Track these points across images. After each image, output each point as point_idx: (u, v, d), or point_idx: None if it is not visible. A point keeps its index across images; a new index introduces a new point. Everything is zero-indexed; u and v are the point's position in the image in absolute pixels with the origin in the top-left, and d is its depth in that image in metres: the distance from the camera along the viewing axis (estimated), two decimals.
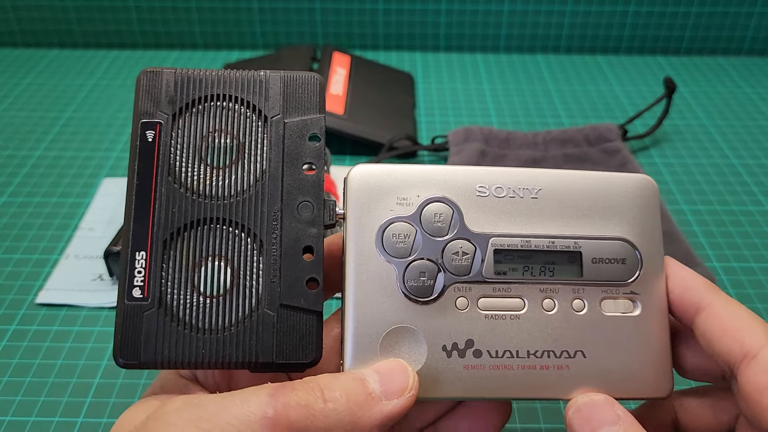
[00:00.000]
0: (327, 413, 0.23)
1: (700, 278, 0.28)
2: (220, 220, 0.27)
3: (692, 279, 0.28)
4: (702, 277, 0.28)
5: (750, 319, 0.26)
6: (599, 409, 0.26)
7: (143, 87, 0.28)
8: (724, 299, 0.27)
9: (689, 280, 0.28)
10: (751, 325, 0.25)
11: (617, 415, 0.25)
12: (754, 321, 0.26)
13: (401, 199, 0.28)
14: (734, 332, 0.25)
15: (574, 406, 0.26)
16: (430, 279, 0.27)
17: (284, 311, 0.26)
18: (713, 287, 0.27)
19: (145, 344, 0.26)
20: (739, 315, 0.26)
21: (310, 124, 0.28)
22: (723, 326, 0.26)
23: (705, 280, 0.28)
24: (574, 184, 0.29)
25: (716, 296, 0.27)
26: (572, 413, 0.26)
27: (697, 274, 0.28)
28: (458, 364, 0.27)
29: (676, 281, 0.28)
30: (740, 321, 0.26)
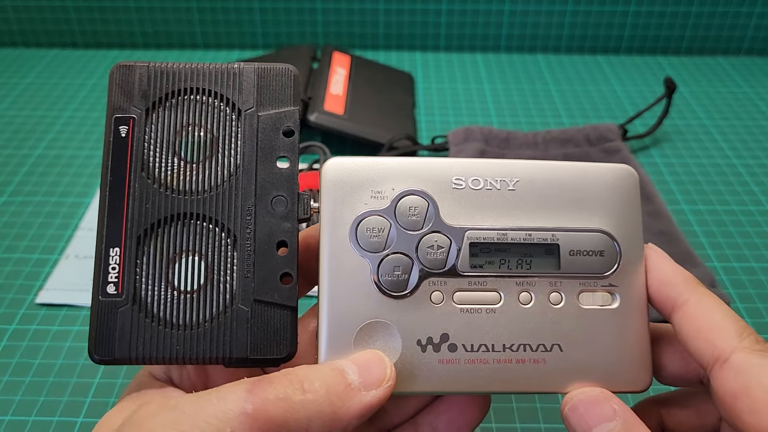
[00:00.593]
0: (306, 405, 0.23)
1: (680, 272, 0.27)
2: (194, 215, 0.27)
3: (671, 273, 0.27)
4: (682, 271, 0.27)
5: (723, 319, 0.25)
6: (595, 406, 0.25)
7: (116, 82, 0.28)
8: (699, 296, 0.26)
9: (668, 274, 0.27)
10: (724, 325, 0.24)
11: (614, 410, 0.25)
12: (727, 321, 0.25)
13: (376, 193, 0.28)
14: (707, 333, 0.25)
15: (569, 402, 0.26)
16: (405, 273, 0.27)
17: (258, 306, 0.26)
18: (692, 282, 0.26)
19: (119, 340, 0.26)
20: (712, 314, 0.25)
21: (284, 117, 0.28)
22: (696, 326, 0.25)
23: (685, 273, 0.27)
24: (552, 175, 0.28)
25: (692, 293, 0.26)
26: (568, 410, 0.26)
27: (677, 267, 0.27)
28: (433, 358, 0.27)
29: (654, 274, 0.27)
30: (713, 321, 0.25)
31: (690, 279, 0.27)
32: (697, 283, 0.26)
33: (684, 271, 0.27)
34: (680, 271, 0.27)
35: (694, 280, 0.27)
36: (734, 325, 0.24)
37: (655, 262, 0.28)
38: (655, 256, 0.28)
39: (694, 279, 0.27)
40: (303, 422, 0.23)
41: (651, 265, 0.28)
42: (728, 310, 0.25)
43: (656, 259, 0.28)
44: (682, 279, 0.26)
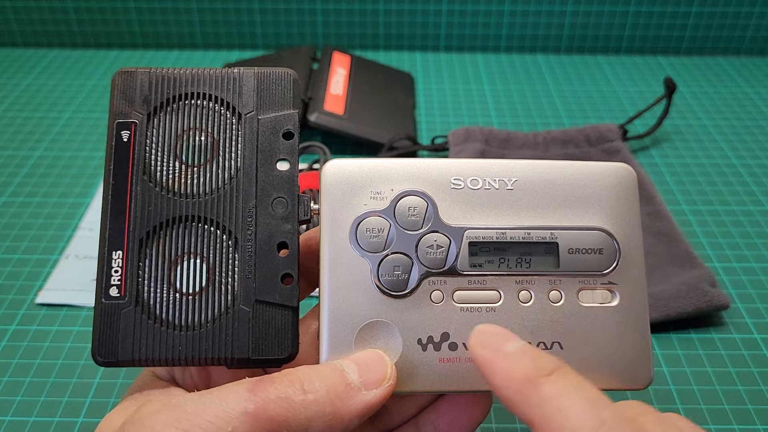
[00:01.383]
0: (307, 405, 0.23)
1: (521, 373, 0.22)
2: (195, 217, 0.27)
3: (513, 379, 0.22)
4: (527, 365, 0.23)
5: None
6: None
7: (118, 87, 0.28)
8: (542, 415, 0.21)
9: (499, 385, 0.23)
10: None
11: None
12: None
13: (375, 193, 0.28)
14: None
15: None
16: (405, 273, 0.27)
17: (259, 307, 0.27)
18: (533, 387, 0.22)
19: (122, 342, 0.26)
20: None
21: (283, 120, 0.28)
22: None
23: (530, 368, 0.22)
24: (550, 174, 0.29)
25: (534, 409, 0.22)
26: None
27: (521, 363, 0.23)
28: (434, 357, 0.27)
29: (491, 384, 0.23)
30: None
31: (524, 385, 0.22)
32: (535, 383, 0.22)
33: (518, 372, 0.22)
34: (512, 376, 0.22)
35: (530, 383, 0.22)
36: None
37: (486, 373, 0.23)
38: (484, 364, 0.23)
39: (530, 380, 0.22)
40: (304, 422, 0.23)
41: (485, 377, 0.23)
42: (579, 420, 0.21)
43: (485, 368, 0.23)
44: (515, 391, 0.22)
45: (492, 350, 0.23)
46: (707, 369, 0.43)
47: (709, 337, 0.45)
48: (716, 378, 0.42)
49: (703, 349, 0.44)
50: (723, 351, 0.44)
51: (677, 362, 0.43)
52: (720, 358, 0.44)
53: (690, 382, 0.42)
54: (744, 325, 0.46)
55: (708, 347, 0.45)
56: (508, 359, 0.23)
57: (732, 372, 0.43)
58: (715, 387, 0.42)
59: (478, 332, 0.24)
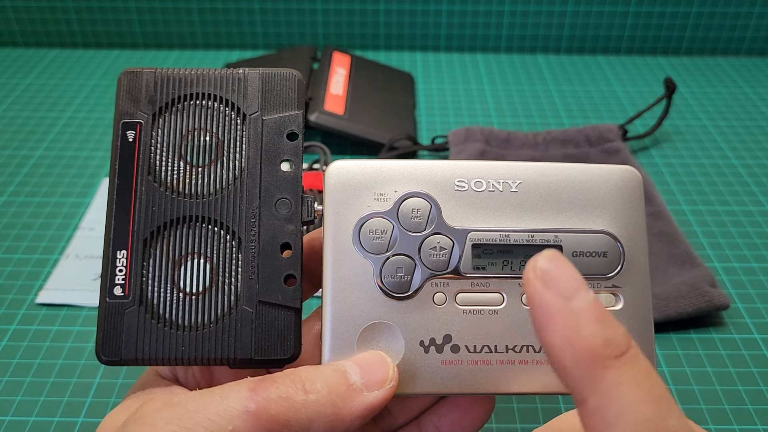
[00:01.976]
0: (308, 405, 0.23)
1: (575, 348, 0.19)
2: (200, 218, 0.27)
3: (561, 351, 0.19)
4: (582, 343, 0.19)
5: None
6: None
7: (123, 88, 0.28)
8: (599, 395, 0.19)
9: (558, 353, 0.19)
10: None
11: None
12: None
13: (378, 195, 0.28)
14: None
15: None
16: (407, 275, 0.27)
17: (262, 308, 0.27)
18: (591, 365, 0.19)
19: (126, 342, 0.26)
20: None
21: (288, 120, 0.29)
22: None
23: (585, 349, 0.19)
24: (554, 177, 0.28)
25: (591, 390, 0.19)
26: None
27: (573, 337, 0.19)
28: (436, 359, 0.27)
29: (546, 349, 0.20)
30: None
31: (588, 359, 0.19)
32: (601, 363, 0.19)
33: (583, 340, 0.19)
34: (576, 342, 0.19)
35: (595, 359, 0.19)
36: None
37: (541, 320, 0.20)
38: (542, 309, 0.20)
39: (596, 356, 0.19)
40: (305, 422, 0.23)
41: (537, 321, 0.20)
42: (642, 423, 0.18)
43: (542, 315, 0.20)
44: (574, 361, 0.19)
45: (558, 296, 0.19)
46: (707, 369, 0.43)
47: (709, 337, 0.45)
48: (716, 378, 0.42)
49: (703, 349, 0.44)
50: (723, 351, 0.44)
51: (677, 362, 0.43)
52: (720, 358, 0.44)
53: (690, 382, 0.42)
54: (744, 325, 0.46)
55: (708, 347, 0.45)
56: (575, 317, 0.19)
57: (732, 372, 0.43)
58: (715, 387, 0.42)
59: (548, 258, 0.20)
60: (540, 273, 0.20)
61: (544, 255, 0.20)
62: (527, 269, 0.20)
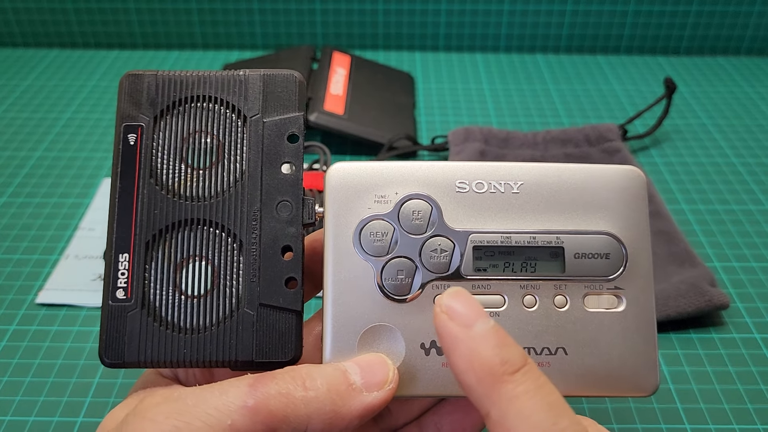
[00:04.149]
0: (307, 401, 0.24)
1: (474, 365, 0.21)
2: (201, 221, 0.27)
3: (463, 370, 0.22)
4: (479, 360, 0.21)
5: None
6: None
7: (125, 90, 0.28)
8: (500, 407, 0.21)
9: (461, 371, 0.22)
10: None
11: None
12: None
13: (379, 197, 0.28)
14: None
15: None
16: (408, 277, 0.27)
17: (263, 310, 0.27)
18: (491, 381, 0.21)
19: (128, 344, 0.26)
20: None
21: (288, 122, 0.28)
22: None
23: (483, 366, 0.21)
24: (556, 178, 0.28)
25: (493, 404, 0.21)
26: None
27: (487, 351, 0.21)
28: (436, 361, 0.27)
29: (452, 365, 0.22)
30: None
31: (487, 377, 0.21)
32: (498, 379, 0.21)
33: (482, 361, 0.21)
34: (476, 363, 0.21)
35: (493, 377, 0.21)
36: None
37: (447, 347, 0.22)
38: (447, 337, 0.22)
39: (494, 374, 0.21)
40: (303, 418, 0.23)
41: (444, 350, 0.22)
42: (536, 427, 0.20)
43: (447, 343, 0.22)
44: (476, 380, 0.21)
45: (460, 325, 0.22)
46: (707, 368, 0.43)
47: (709, 337, 0.45)
48: (716, 378, 0.42)
49: (702, 348, 0.44)
50: (723, 350, 0.44)
51: (677, 362, 0.43)
52: (720, 358, 0.44)
53: (690, 382, 0.42)
54: (744, 324, 0.46)
55: (708, 347, 0.45)
56: (474, 342, 0.22)
57: (732, 371, 0.43)
58: (715, 387, 0.42)
59: (450, 295, 0.22)
60: (445, 308, 0.22)
61: (447, 292, 0.23)
62: (435, 307, 0.23)
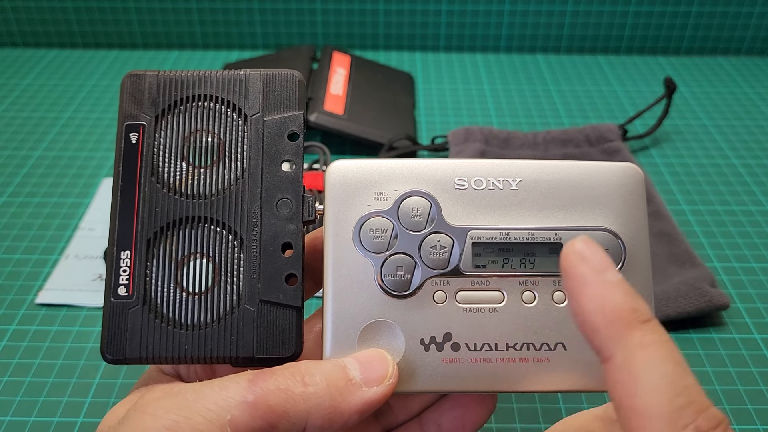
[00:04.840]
0: (307, 397, 0.24)
1: (606, 308, 0.21)
2: (202, 218, 0.28)
3: (593, 311, 0.21)
4: (612, 304, 0.21)
5: (653, 395, 0.20)
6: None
7: (127, 90, 0.29)
8: (627, 353, 0.21)
9: (590, 313, 0.21)
10: (653, 405, 0.20)
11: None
12: (657, 398, 0.20)
13: (379, 194, 0.28)
14: (630, 412, 0.20)
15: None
16: (407, 273, 0.27)
17: (264, 307, 0.27)
18: (620, 325, 0.21)
19: (130, 340, 0.27)
20: (641, 384, 0.20)
21: (289, 121, 0.29)
22: (619, 398, 0.21)
23: (614, 310, 0.21)
24: (555, 175, 0.28)
25: (618, 346, 0.21)
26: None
27: (605, 298, 0.21)
28: (436, 357, 0.27)
29: (575, 308, 0.22)
30: (640, 396, 0.20)
31: (617, 321, 0.21)
32: (629, 324, 0.21)
33: (614, 305, 0.21)
34: (607, 306, 0.21)
35: (623, 321, 0.21)
36: (667, 407, 0.20)
37: (575, 287, 0.22)
38: (577, 278, 0.22)
39: (624, 319, 0.21)
40: (303, 414, 0.24)
41: (571, 289, 0.22)
42: (665, 376, 0.20)
43: (577, 283, 0.22)
44: (605, 322, 0.21)
45: (592, 269, 0.22)
46: (707, 369, 0.43)
47: (709, 337, 0.45)
48: (716, 378, 0.42)
49: (703, 349, 0.44)
50: (723, 351, 0.44)
51: None
52: (720, 358, 0.44)
53: None
54: (744, 325, 0.46)
55: (708, 347, 0.45)
56: (607, 286, 0.21)
57: (732, 372, 0.43)
58: (715, 387, 0.42)
59: (582, 242, 0.22)
60: (578, 250, 0.22)
61: (580, 239, 0.23)
62: (565, 249, 0.22)
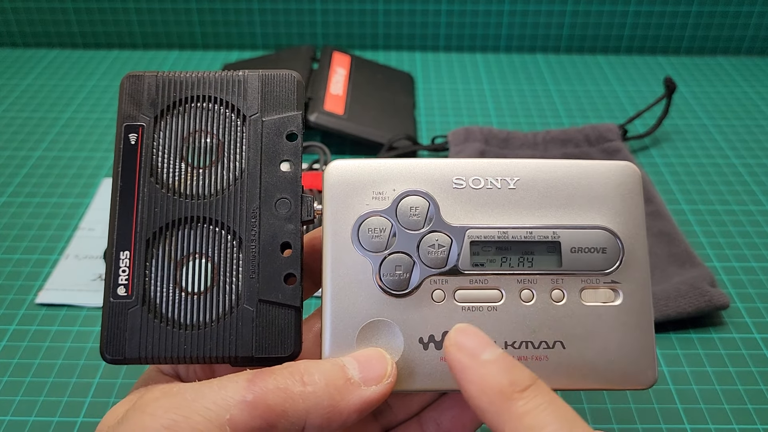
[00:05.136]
0: (306, 396, 0.24)
1: (486, 391, 0.23)
2: (201, 218, 0.28)
3: (476, 395, 0.23)
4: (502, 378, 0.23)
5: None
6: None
7: (126, 91, 0.29)
8: (511, 429, 0.22)
9: (473, 397, 0.23)
10: None
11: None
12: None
13: (377, 194, 0.28)
14: None
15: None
16: (406, 272, 0.27)
17: (263, 306, 0.27)
18: (506, 401, 0.22)
19: (129, 340, 0.27)
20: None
21: (287, 121, 0.29)
22: None
23: (493, 389, 0.22)
24: (552, 173, 0.29)
25: (505, 422, 0.22)
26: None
27: (496, 375, 0.23)
28: (435, 356, 0.27)
29: (464, 393, 0.23)
30: None
31: (497, 396, 0.22)
32: (509, 397, 0.22)
33: (492, 383, 0.23)
34: (486, 385, 0.23)
35: (503, 396, 0.22)
36: None
37: (458, 375, 0.23)
38: (457, 366, 0.23)
39: (503, 393, 0.22)
40: (302, 413, 0.24)
41: (457, 378, 0.23)
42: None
43: (458, 371, 0.23)
44: (488, 401, 0.22)
45: (468, 356, 0.23)
46: (707, 369, 0.43)
47: (709, 337, 0.45)
48: (716, 378, 0.42)
49: (703, 348, 0.44)
50: (723, 351, 0.44)
51: (677, 362, 0.43)
52: (720, 358, 0.44)
53: (690, 382, 0.42)
54: (744, 324, 0.46)
55: (708, 347, 0.45)
56: (484, 368, 0.23)
57: (732, 372, 0.43)
58: (715, 387, 0.42)
59: (458, 331, 0.24)
60: (454, 342, 0.24)
61: (454, 328, 0.24)
62: (444, 342, 0.24)
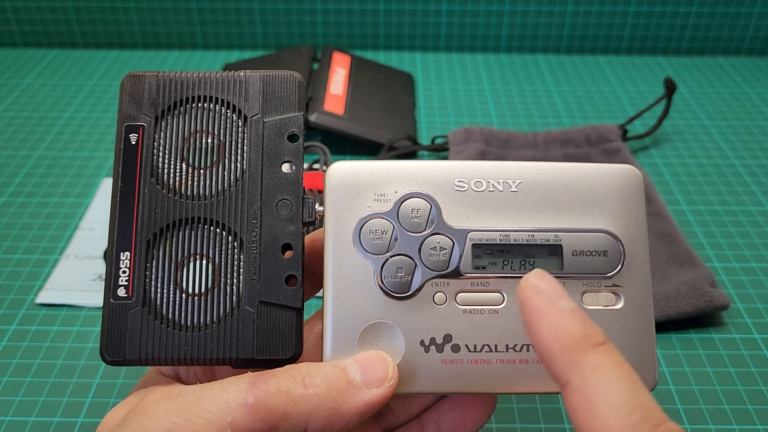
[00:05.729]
0: (307, 399, 0.24)
1: (560, 335, 0.22)
2: (202, 219, 0.28)
3: (549, 340, 0.22)
4: (565, 331, 0.22)
5: (609, 415, 0.20)
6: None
7: (126, 91, 0.29)
8: (582, 377, 0.21)
9: (546, 341, 0.22)
10: (609, 423, 0.20)
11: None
12: (613, 418, 0.20)
13: (379, 195, 0.28)
14: None
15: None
16: (408, 275, 0.27)
17: (264, 308, 0.27)
18: (575, 350, 0.22)
19: (129, 342, 0.26)
20: (595, 406, 0.21)
21: (289, 122, 0.29)
22: (579, 420, 0.21)
23: (568, 335, 0.22)
24: (554, 176, 0.29)
25: (574, 372, 0.22)
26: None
27: (559, 326, 0.22)
28: (436, 358, 0.27)
29: (534, 337, 0.23)
30: (597, 417, 0.21)
31: (571, 346, 0.22)
32: (582, 349, 0.22)
33: (567, 332, 0.22)
34: (561, 333, 0.22)
35: (577, 346, 0.22)
36: (622, 425, 0.20)
37: (531, 318, 0.23)
38: (533, 309, 0.23)
39: (578, 344, 0.22)
40: (303, 415, 0.24)
41: (528, 320, 0.23)
42: (619, 396, 0.21)
43: (533, 314, 0.23)
44: (560, 349, 0.22)
45: (546, 300, 0.23)
46: (707, 369, 0.43)
47: (709, 337, 0.45)
48: (716, 378, 0.42)
49: (703, 349, 0.44)
50: (723, 351, 0.44)
51: (677, 362, 0.43)
52: (720, 358, 0.44)
53: (690, 382, 0.42)
54: (744, 325, 0.46)
55: (708, 347, 0.45)
56: (560, 315, 0.22)
57: (732, 372, 0.43)
58: (715, 387, 0.42)
59: (536, 275, 0.23)
60: (532, 284, 0.23)
61: (533, 272, 0.24)
62: (521, 283, 0.24)
